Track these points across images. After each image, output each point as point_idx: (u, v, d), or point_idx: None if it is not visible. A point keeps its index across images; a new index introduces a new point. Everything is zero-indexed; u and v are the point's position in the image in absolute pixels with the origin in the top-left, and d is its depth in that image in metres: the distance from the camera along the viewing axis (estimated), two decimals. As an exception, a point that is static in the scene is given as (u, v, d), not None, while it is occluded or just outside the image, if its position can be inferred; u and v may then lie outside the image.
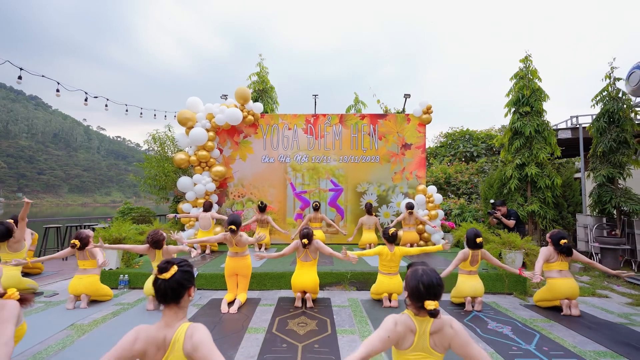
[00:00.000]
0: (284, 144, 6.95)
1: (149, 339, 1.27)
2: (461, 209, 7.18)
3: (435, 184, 9.64)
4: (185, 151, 6.33)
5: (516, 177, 6.60)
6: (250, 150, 6.93)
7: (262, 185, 6.92)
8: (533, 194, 6.59)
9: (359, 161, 6.98)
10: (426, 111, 6.76)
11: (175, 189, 7.22)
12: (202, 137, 6.15)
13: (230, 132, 6.84)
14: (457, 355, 1.45)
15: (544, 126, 6.55)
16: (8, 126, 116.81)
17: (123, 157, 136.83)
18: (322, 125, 6.98)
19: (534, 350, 2.67)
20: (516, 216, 5.50)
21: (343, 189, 6.98)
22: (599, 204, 6.34)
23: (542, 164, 6.51)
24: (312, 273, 3.62)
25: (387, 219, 6.94)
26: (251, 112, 6.57)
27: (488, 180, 7.42)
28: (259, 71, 8.14)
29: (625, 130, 6.20)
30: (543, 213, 6.41)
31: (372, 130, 6.99)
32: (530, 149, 6.57)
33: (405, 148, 6.97)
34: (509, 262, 4.37)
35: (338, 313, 3.47)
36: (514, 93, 6.86)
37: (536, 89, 6.66)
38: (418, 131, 6.98)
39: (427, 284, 1.41)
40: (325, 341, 2.77)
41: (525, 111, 6.60)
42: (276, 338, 2.82)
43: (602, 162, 6.41)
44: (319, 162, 6.96)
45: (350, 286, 4.33)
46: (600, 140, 6.42)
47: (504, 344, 2.77)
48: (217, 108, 6.35)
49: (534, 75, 6.71)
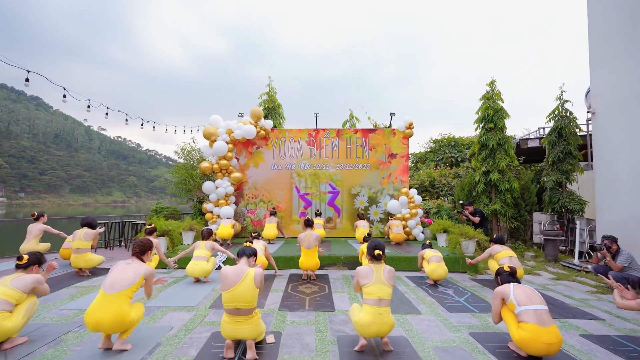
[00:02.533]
0: (290, 154, 8.31)
1: (236, 270, 2.60)
2: (438, 208, 8.54)
3: (421, 186, 11.01)
4: (209, 160, 7.66)
5: (482, 181, 7.97)
6: (262, 159, 8.29)
7: (272, 189, 8.27)
8: (496, 196, 7.96)
9: (353, 168, 8.34)
10: (408, 127, 8.12)
11: (196, 191, 8.56)
12: (223, 148, 7.49)
13: (246, 144, 8.19)
14: None
15: (505, 140, 7.93)
16: (10, 126, 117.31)
17: (124, 157, 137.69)
18: (322, 138, 8.34)
19: (462, 301, 4.03)
20: (481, 214, 6.84)
21: (339, 192, 8.34)
22: (550, 204, 7.71)
23: (503, 171, 7.88)
24: (314, 257, 4.86)
25: (376, 216, 8.29)
26: (263, 127, 7.92)
27: (461, 184, 8.79)
28: (268, 91, 9.52)
29: (570, 143, 7.59)
30: (504, 211, 7.79)
31: (363, 142, 8.35)
32: (493, 158, 7.94)
33: (391, 157, 8.33)
34: (465, 249, 5.73)
35: (334, 282, 4.83)
36: (481, 112, 8.23)
37: (499, 109, 8.03)
38: (402, 143, 8.34)
39: (375, 244, 2.77)
40: (324, 296, 4.12)
41: (490, 127, 7.97)
42: (291, 294, 4.17)
43: (552, 170, 7.78)
44: (320, 169, 8.31)
45: (343, 266, 5.68)
46: (551, 151, 7.80)
47: (444, 298, 4.13)
48: (235, 125, 7.69)
49: (498, 97, 8.08)
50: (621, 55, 6.20)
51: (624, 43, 6.16)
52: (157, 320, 3.27)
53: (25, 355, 2.50)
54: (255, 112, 7.77)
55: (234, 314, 2.48)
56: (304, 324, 3.22)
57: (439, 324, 3.30)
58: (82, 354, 2.54)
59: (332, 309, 3.66)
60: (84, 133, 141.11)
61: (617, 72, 6.27)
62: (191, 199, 8.59)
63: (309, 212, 8.18)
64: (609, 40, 6.51)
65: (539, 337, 2.33)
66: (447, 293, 4.36)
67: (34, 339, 2.76)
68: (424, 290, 4.47)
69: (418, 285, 4.72)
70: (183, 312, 3.52)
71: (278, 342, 2.81)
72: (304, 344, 2.78)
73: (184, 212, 9.03)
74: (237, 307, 2.46)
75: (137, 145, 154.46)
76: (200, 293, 4.20)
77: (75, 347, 2.66)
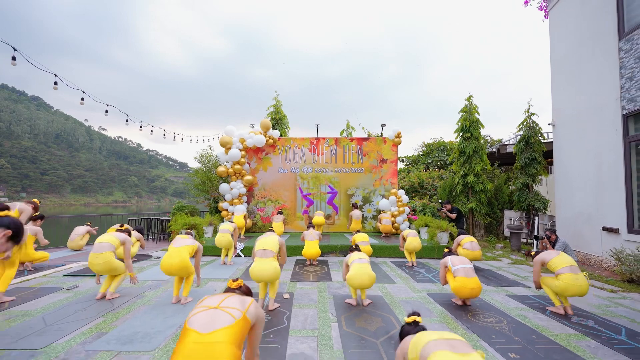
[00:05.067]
0: (295, 159, 9.55)
1: None
2: (423, 207, 9.79)
3: (411, 187, 12.27)
4: (225, 165, 8.88)
5: (461, 183, 9.22)
6: (270, 163, 9.52)
7: (279, 189, 9.50)
8: (472, 196, 9.21)
9: (349, 172, 9.57)
10: (397, 136, 9.36)
11: (211, 192, 9.77)
12: (237, 155, 8.71)
13: (256, 151, 9.42)
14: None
15: (480, 147, 9.17)
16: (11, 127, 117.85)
17: (124, 157, 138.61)
18: (322, 145, 9.57)
19: (430, 277, 5.26)
20: (457, 211, 8.07)
21: (337, 192, 9.57)
22: (519, 203, 8.96)
23: (478, 174, 9.12)
24: (316, 247, 6.04)
25: (369, 213, 9.53)
26: (271, 136, 9.16)
27: (443, 186, 10.04)
28: (275, 103, 10.76)
29: (535, 150, 8.83)
30: (479, 209, 9.04)
31: (358, 149, 9.58)
32: (470, 163, 9.19)
33: (382, 162, 9.56)
34: (439, 239, 6.98)
35: (332, 265, 6.07)
36: (460, 123, 9.47)
37: (475, 120, 9.28)
38: (392, 150, 9.57)
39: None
40: (324, 273, 5.36)
41: (467, 136, 9.22)
42: (298, 272, 5.41)
43: (521, 173, 9.03)
44: (320, 173, 9.54)
45: (339, 254, 6.92)
46: (520, 157, 9.05)
47: (416, 274, 5.37)
48: (247, 134, 8.92)
49: (474, 110, 9.33)
50: (573, 76, 7.42)
51: (574, 67, 7.39)
52: (203, 286, 4.51)
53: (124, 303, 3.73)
54: (264, 124, 9.01)
55: (262, 256, 3.60)
56: (310, 289, 4.46)
57: (407, 289, 4.54)
58: (163, 298, 3.77)
59: (330, 280, 4.90)
60: (85, 133, 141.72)
61: (571, 91, 7.50)
62: (208, 198, 9.81)
63: (311, 210, 9.41)
64: (565, 63, 7.71)
65: (466, 285, 3.55)
66: (420, 272, 5.61)
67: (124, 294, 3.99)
68: (402, 270, 5.72)
69: (398, 267, 5.96)
70: (219, 282, 4.76)
71: (292, 297, 4.04)
72: (310, 299, 4.02)
73: (202, 210, 10.24)
74: (264, 249, 3.64)
75: (138, 146, 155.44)
76: (229, 270, 5.45)
77: (153, 298, 3.89)
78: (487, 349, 2.73)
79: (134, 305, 3.68)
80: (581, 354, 2.65)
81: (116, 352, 2.56)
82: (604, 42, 6.48)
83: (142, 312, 3.45)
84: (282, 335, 2.93)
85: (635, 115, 5.83)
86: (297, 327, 3.12)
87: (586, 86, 7.01)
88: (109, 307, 3.55)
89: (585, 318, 3.47)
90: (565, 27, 7.73)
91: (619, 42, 6.14)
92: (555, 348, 2.74)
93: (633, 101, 5.78)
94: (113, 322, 3.17)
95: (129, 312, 3.43)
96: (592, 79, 6.81)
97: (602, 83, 6.49)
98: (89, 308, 3.52)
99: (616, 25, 6.20)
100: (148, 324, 3.10)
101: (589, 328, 3.19)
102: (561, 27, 7.89)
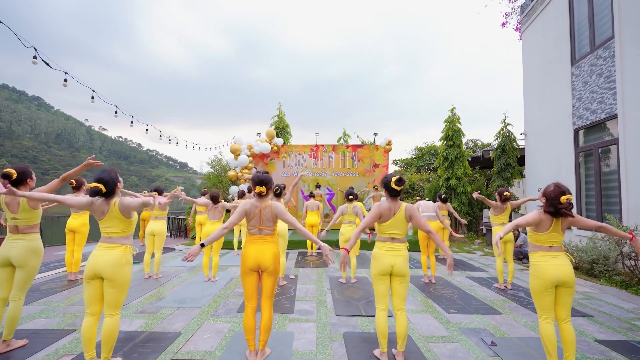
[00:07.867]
0: (296, 164, 10.66)
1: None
2: (412, 207, 10.90)
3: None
4: (234, 169, 9.99)
5: (444, 186, 10.35)
6: (275, 168, 10.63)
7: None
8: (454, 197, 10.34)
9: (345, 175, 10.69)
10: (388, 144, 10.49)
11: (222, 194, 10.87)
12: (245, 161, 9.82)
13: (262, 157, 10.53)
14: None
15: (461, 154, 10.30)
16: (12, 127, 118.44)
17: (125, 157, 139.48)
18: (321, 152, 10.69)
19: (418, 262, 6.38)
20: (440, 211, 9.19)
21: (335, 194, 10.68)
22: (496, 203, 10.07)
23: (459, 178, 10.25)
24: (317, 216, 7.13)
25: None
26: (276, 144, 10.27)
27: (429, 187, 11.17)
28: (278, 113, 11.88)
29: (510, 157, 9.96)
30: (460, 209, 10.16)
31: (353, 155, 10.70)
32: (452, 168, 10.31)
33: (375, 167, 10.68)
34: (422, 235, 8.09)
35: (329, 256, 7.18)
36: (444, 132, 10.60)
37: (457, 130, 10.40)
38: (384, 156, 10.69)
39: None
40: (322, 261, 6.48)
41: (450, 144, 10.35)
42: (300, 261, 6.53)
43: (497, 177, 10.16)
44: (319, 176, 10.65)
45: (335, 247, 8.03)
46: (497, 163, 10.18)
47: (399, 263, 6.49)
48: (254, 142, 10.03)
49: (457, 121, 10.46)
50: (540, 93, 8.54)
51: (540, 85, 8.51)
52: (225, 270, 5.63)
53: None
54: (269, 133, 10.12)
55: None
56: (310, 272, 5.58)
57: (389, 272, 5.65)
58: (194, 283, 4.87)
59: (326, 266, 6.02)
60: (85, 133, 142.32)
61: (538, 105, 8.62)
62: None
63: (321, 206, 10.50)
64: (534, 81, 8.83)
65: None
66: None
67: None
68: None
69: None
70: (235, 268, 5.88)
71: (297, 278, 5.16)
72: (310, 279, 5.13)
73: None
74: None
75: (138, 145, 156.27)
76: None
77: (188, 278, 4.99)
78: (436, 307, 3.84)
79: (176, 282, 4.79)
80: (499, 309, 3.77)
81: (176, 307, 3.67)
82: (561, 66, 7.61)
83: (184, 285, 4.57)
84: (290, 300, 4.04)
85: (584, 129, 6.96)
86: (301, 296, 4.23)
87: (549, 103, 8.14)
88: (157, 284, 4.67)
89: (518, 291, 4.60)
90: (535, 49, 8.85)
91: (571, 68, 7.28)
92: (484, 306, 3.86)
93: (581, 118, 6.92)
94: (165, 292, 4.28)
95: (174, 287, 4.55)
96: (553, 97, 7.94)
97: (560, 101, 7.62)
98: (143, 283, 4.64)
99: (569, 52, 7.33)
100: (192, 292, 4.22)
101: (517, 297, 4.31)
102: (532, 48, 9.01)
